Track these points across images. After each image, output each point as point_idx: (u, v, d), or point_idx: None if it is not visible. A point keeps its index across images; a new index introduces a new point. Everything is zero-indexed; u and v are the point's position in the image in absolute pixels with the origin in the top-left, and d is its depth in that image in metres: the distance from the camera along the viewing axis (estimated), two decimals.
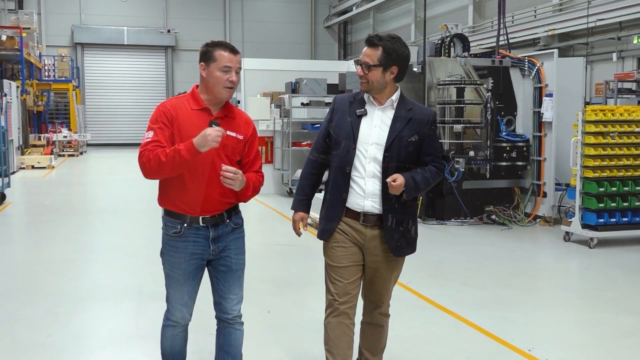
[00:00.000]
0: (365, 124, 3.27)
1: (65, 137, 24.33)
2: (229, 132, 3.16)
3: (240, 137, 3.23)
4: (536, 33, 19.91)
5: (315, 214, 3.53)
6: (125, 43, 32.15)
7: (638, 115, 7.96)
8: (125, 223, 9.82)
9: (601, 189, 7.81)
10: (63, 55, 27.25)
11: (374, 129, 3.25)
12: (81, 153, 25.46)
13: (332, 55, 35.15)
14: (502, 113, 9.82)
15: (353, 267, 3.30)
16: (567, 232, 8.21)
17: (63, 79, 26.95)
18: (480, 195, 9.79)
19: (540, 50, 19.46)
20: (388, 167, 3.20)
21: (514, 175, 9.87)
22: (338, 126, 3.31)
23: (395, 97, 3.29)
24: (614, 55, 17.24)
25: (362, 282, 3.41)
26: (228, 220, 3.25)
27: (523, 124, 9.94)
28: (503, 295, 5.78)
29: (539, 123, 9.62)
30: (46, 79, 26.37)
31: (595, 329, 5.01)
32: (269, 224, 9.92)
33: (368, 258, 3.33)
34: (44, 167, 18.69)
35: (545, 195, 9.57)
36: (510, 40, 20.59)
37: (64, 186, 15.25)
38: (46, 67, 26.87)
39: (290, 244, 7.86)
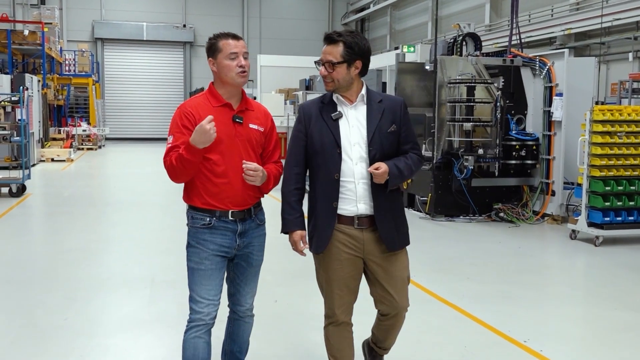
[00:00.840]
0: (343, 126, 3.21)
1: (84, 130, 24.77)
2: (251, 125, 3.20)
3: (262, 129, 3.25)
4: (553, 32, 19.89)
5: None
6: (145, 39, 32.61)
7: None
8: (140, 215, 10.07)
9: (607, 188, 7.90)
10: (84, 50, 27.68)
11: (352, 128, 3.20)
12: (100, 147, 25.87)
13: None
14: (513, 112, 9.92)
15: (350, 279, 3.27)
16: (573, 230, 8.31)
17: (83, 73, 27.41)
18: (489, 193, 9.90)
19: (556, 49, 19.54)
20: (375, 161, 3.15)
21: (523, 173, 9.97)
22: (317, 134, 3.22)
23: (364, 91, 3.25)
24: (630, 55, 17.21)
25: (369, 284, 3.37)
26: (254, 216, 3.28)
27: (533, 123, 10.03)
28: (504, 290, 5.92)
29: (549, 122, 9.70)
30: (67, 73, 26.85)
31: (592, 323, 5.16)
32: (279, 218, 10.08)
33: (374, 261, 3.27)
34: (63, 160, 19.08)
35: (553, 193, 9.66)
36: (527, 39, 20.78)
37: (82, 179, 15.57)
38: (67, 62, 27.37)
39: None
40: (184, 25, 32.84)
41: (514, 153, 9.74)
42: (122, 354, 4.27)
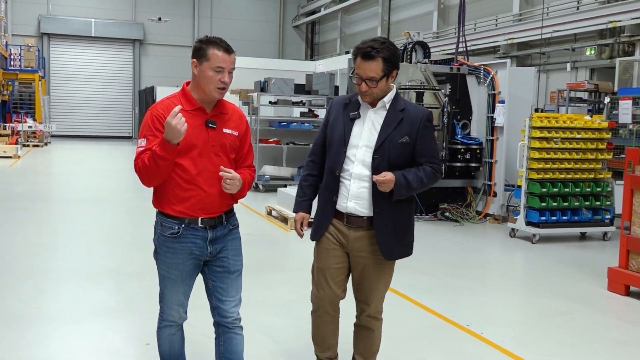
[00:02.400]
0: (357, 127, 3.25)
1: (30, 127, 24.34)
2: (225, 130, 3.11)
3: (236, 133, 3.17)
4: (497, 41, 20.73)
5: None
6: (93, 35, 32.13)
7: (579, 123, 8.69)
8: (96, 211, 10.19)
9: (544, 190, 8.51)
10: (30, 45, 27.18)
11: (365, 131, 3.23)
12: (46, 144, 25.49)
13: (300, 54, 35.70)
14: (459, 117, 10.49)
15: (337, 269, 3.34)
16: (512, 229, 8.90)
17: (29, 69, 26.89)
18: (436, 193, 10.43)
19: (500, 58, 20.40)
20: (378, 168, 3.16)
21: (468, 175, 10.55)
22: (332, 129, 3.31)
23: (388, 98, 3.24)
24: (568, 65, 18.16)
25: (352, 283, 3.47)
26: (225, 222, 3.20)
27: (477, 128, 10.62)
28: (450, 282, 6.41)
29: (492, 127, 10.31)
30: (12, 68, 26.28)
31: (526, 309, 5.70)
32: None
33: (352, 259, 3.35)
34: (10, 157, 18.79)
35: (495, 195, 10.27)
36: (473, 47, 21.55)
37: (32, 175, 15.45)
38: (12, 57, 26.79)
39: (255, 233, 8.39)
40: (159, 19, 32.14)
41: (459, 156, 10.31)
42: (95, 338, 4.52)
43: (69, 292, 5.59)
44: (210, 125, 3.07)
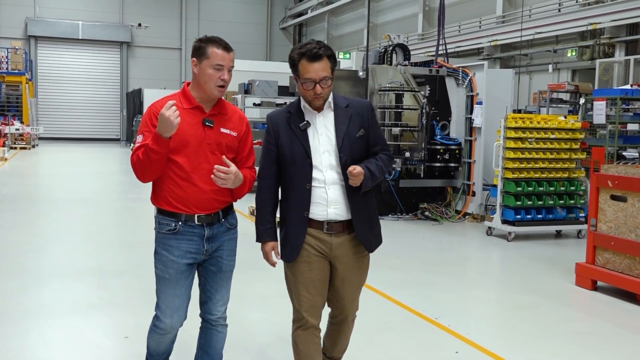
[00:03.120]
0: (311, 135, 3.20)
1: (17, 129, 24.40)
2: (222, 130, 3.14)
3: (234, 133, 3.19)
4: (480, 43, 21.01)
5: None
6: (80, 37, 32.19)
7: (553, 124, 8.92)
8: (82, 212, 10.32)
9: (519, 189, 8.73)
10: (17, 47, 27.21)
11: (321, 137, 3.20)
12: (33, 146, 25.53)
13: (287, 56, 35.86)
14: (438, 118, 10.71)
15: (319, 281, 3.26)
16: (489, 227, 9.12)
17: (16, 71, 26.91)
18: (416, 193, 10.66)
19: (484, 60, 20.66)
20: (346, 167, 3.14)
21: (447, 175, 10.77)
22: (287, 146, 3.20)
23: (331, 98, 3.22)
24: (550, 67, 18.45)
25: (330, 291, 3.38)
26: (223, 220, 3.23)
27: (457, 129, 10.84)
28: (424, 278, 6.62)
29: (470, 128, 10.53)
30: None
31: (494, 303, 5.92)
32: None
33: (337, 266, 3.28)
34: None
35: (474, 194, 10.49)
36: (457, 49, 21.80)
37: (19, 177, 15.55)
38: None
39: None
40: (139, 24, 32.36)
41: (438, 156, 10.51)
42: (76, 332, 4.68)
43: (51, 289, 5.75)
44: (207, 123, 3.11)
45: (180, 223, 3.13)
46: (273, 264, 3.34)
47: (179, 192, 3.11)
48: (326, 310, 3.45)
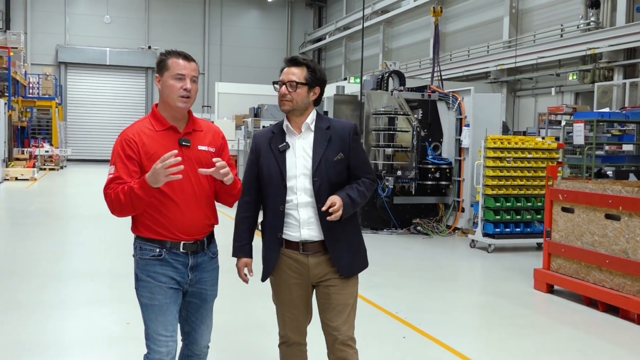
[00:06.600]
0: (289, 157, 3.19)
1: (47, 151, 25.71)
2: (200, 147, 3.04)
3: (212, 149, 3.10)
4: (488, 67, 21.76)
5: None
6: (108, 63, 33.73)
7: (530, 144, 9.68)
8: (101, 226, 11.28)
9: (498, 204, 9.48)
10: (47, 74, 28.68)
11: (299, 159, 3.18)
12: (61, 167, 26.84)
13: None
14: (430, 139, 11.51)
15: (300, 301, 3.27)
16: (472, 240, 9.86)
17: (47, 96, 28.38)
18: (410, 209, 11.44)
19: (491, 83, 21.43)
20: (320, 191, 3.13)
21: (439, 193, 11.53)
22: (266, 166, 3.22)
23: (311, 119, 3.22)
24: (553, 90, 19.16)
25: (318, 313, 3.33)
26: (207, 249, 3.14)
27: (448, 150, 11.62)
28: (397, 281, 7.41)
29: (460, 149, 11.31)
30: (30, 96, 27.77)
31: (453, 302, 6.67)
32: (228, 230, 11.45)
33: (318, 287, 3.27)
34: (27, 179, 20.10)
35: (463, 210, 11.24)
36: (466, 73, 22.56)
37: (46, 196, 16.69)
38: (31, 85, 28.29)
39: None
40: (149, 47, 33.88)
41: (430, 175, 11.29)
42: (88, 320, 5.59)
43: (69, 287, 6.69)
44: (183, 143, 3.00)
45: (165, 250, 3.01)
46: (245, 281, 3.34)
47: (162, 219, 2.98)
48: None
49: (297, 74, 3.16)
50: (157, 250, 3.00)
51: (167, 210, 2.97)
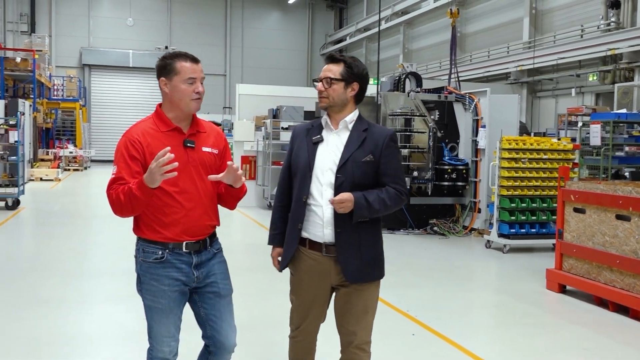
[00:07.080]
0: (321, 150, 3.19)
1: (71, 152, 26.16)
2: (204, 149, 3.05)
3: (216, 151, 3.11)
4: (508, 68, 21.71)
5: None
6: (131, 65, 34.21)
7: (545, 146, 9.70)
8: (120, 225, 11.46)
9: (513, 205, 9.52)
10: (72, 76, 29.18)
11: (330, 154, 3.17)
12: (85, 168, 27.27)
13: None
14: (447, 140, 11.56)
15: (317, 304, 3.25)
16: (488, 240, 9.90)
17: (71, 98, 28.86)
18: (427, 210, 11.50)
19: (511, 84, 21.35)
20: (341, 188, 3.09)
21: (456, 193, 11.58)
22: (297, 156, 3.25)
23: (350, 118, 3.20)
24: (573, 91, 19.06)
25: (335, 315, 3.32)
26: (210, 247, 3.13)
27: (464, 150, 11.67)
28: (411, 280, 7.49)
29: (476, 150, 11.35)
30: (55, 97, 28.27)
31: (464, 301, 6.73)
32: (247, 230, 11.64)
33: (337, 290, 3.25)
34: (52, 180, 20.49)
35: (480, 210, 11.27)
36: (486, 74, 22.51)
37: (70, 196, 17.02)
38: (55, 87, 28.79)
39: (257, 243, 9.58)
40: (166, 47, 34.24)
41: (446, 176, 11.35)
42: (106, 313, 5.78)
43: (90, 284, 6.90)
44: (188, 145, 3.01)
45: (167, 251, 3.01)
46: (279, 269, 3.36)
47: (165, 219, 2.98)
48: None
49: (333, 70, 3.18)
50: (160, 252, 3.01)
51: (171, 211, 2.98)
